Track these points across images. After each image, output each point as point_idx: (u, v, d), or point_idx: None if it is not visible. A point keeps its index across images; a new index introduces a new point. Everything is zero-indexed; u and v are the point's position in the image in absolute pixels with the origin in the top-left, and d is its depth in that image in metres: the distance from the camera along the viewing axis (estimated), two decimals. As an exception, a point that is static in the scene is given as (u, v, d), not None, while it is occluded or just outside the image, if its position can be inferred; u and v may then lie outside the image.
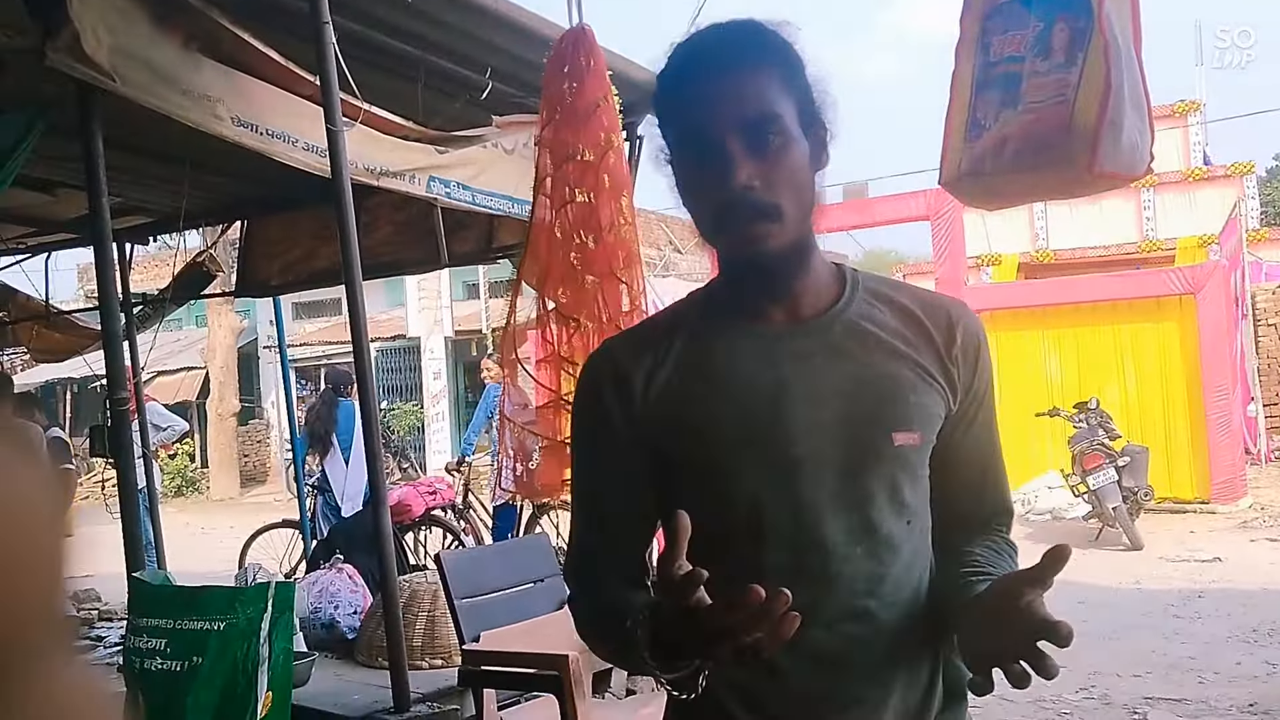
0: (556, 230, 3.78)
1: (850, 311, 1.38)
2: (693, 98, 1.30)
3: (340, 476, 7.79)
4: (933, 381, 1.36)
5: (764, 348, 1.35)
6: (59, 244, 7.02)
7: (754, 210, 1.26)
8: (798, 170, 1.30)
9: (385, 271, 6.40)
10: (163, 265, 15.48)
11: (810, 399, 1.32)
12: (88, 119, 3.51)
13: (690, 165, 1.32)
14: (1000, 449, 1.49)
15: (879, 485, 1.32)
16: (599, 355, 1.47)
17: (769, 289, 1.37)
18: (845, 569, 1.30)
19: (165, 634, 2.66)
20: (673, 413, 1.36)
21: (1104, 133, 2.62)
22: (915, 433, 1.33)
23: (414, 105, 4.60)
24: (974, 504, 1.47)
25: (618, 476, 1.42)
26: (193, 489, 20.79)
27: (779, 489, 1.31)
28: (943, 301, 1.44)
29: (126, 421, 3.58)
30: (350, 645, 4.67)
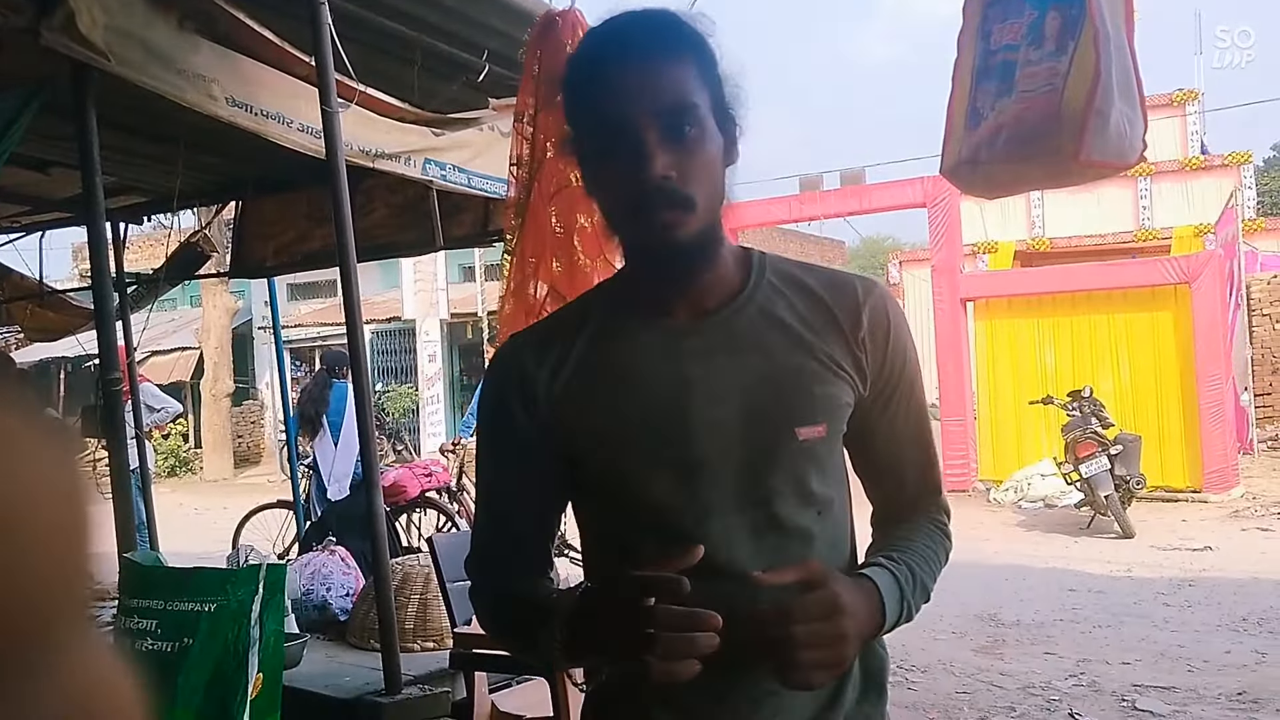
0: (553, 215, 3.77)
1: (755, 301, 1.36)
2: (609, 85, 1.27)
3: (328, 458, 7.80)
4: (839, 370, 1.35)
5: (667, 345, 1.34)
6: (53, 223, 7.00)
7: (670, 200, 1.25)
8: (711, 162, 1.29)
9: (380, 254, 6.39)
10: (157, 245, 15.44)
11: (712, 397, 1.31)
12: (82, 98, 3.50)
13: (604, 154, 1.30)
14: (926, 430, 1.46)
15: (784, 480, 1.31)
16: (505, 352, 1.45)
17: (677, 281, 1.35)
18: (753, 564, 1.28)
19: (156, 615, 2.67)
20: (574, 415, 1.35)
21: (1091, 121, 2.62)
22: (820, 425, 1.32)
23: (410, 87, 4.59)
24: (896, 487, 1.46)
25: (520, 476, 1.41)
26: (186, 469, 20.81)
27: (682, 490, 1.30)
28: (850, 282, 1.41)
29: (119, 401, 3.58)
30: (342, 627, 4.67)
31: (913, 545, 1.40)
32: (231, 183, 6.29)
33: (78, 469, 0.41)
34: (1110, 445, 9.88)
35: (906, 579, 1.34)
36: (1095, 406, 10.36)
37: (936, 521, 1.46)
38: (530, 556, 1.44)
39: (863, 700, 1.38)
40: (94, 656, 0.42)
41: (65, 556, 0.39)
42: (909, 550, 1.38)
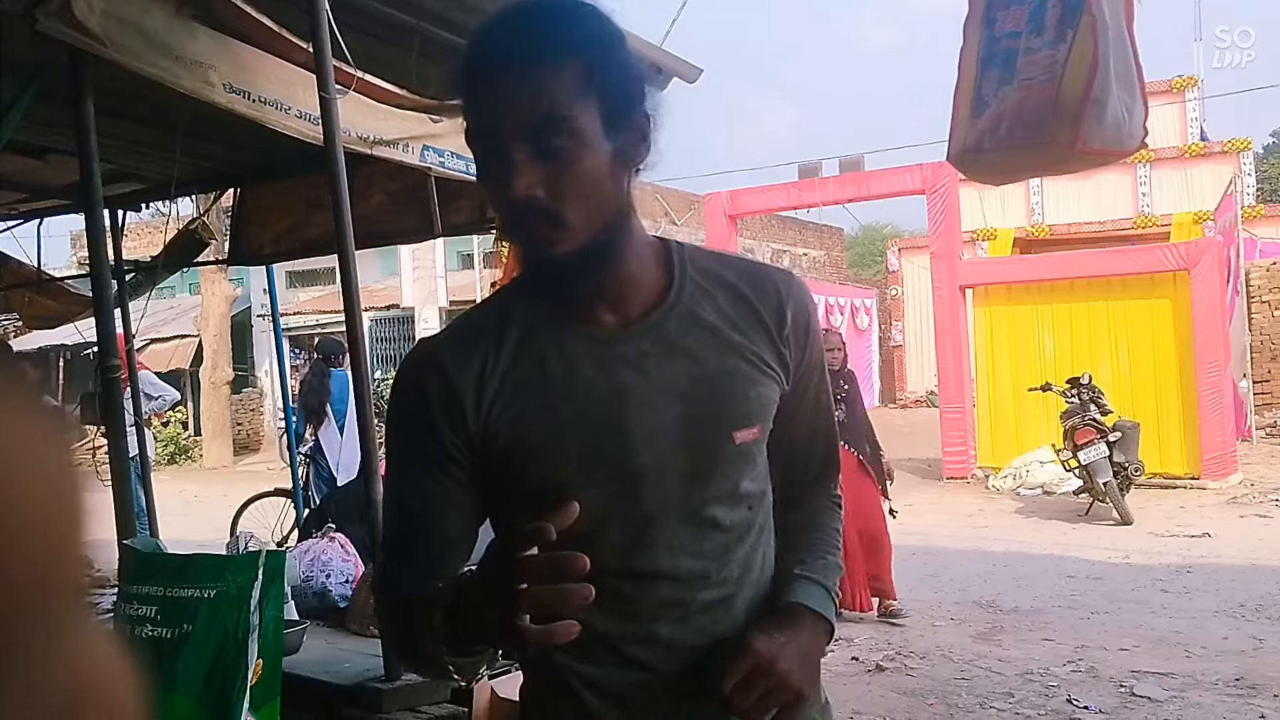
0: None
1: (681, 303, 1.33)
2: (482, 94, 1.22)
3: (335, 446, 7.80)
4: (767, 369, 1.35)
5: (597, 353, 1.30)
6: (51, 210, 6.98)
7: (537, 217, 1.20)
8: (591, 174, 1.21)
9: (379, 241, 6.37)
10: (156, 232, 15.41)
11: (649, 405, 1.28)
12: (79, 85, 3.48)
13: (481, 162, 1.26)
14: (829, 412, 1.50)
15: (721, 485, 1.31)
16: (424, 361, 1.34)
17: (577, 291, 1.30)
18: (695, 565, 1.30)
19: (155, 601, 2.67)
20: (506, 428, 1.28)
21: (1087, 109, 2.62)
22: (755, 427, 1.33)
23: (408, 73, 4.57)
24: (801, 470, 1.49)
25: (441, 496, 1.32)
26: (186, 457, 20.83)
27: (623, 501, 1.27)
28: (771, 277, 1.40)
29: (118, 389, 3.57)
30: (342, 614, 4.67)
31: (821, 534, 1.47)
32: (230, 170, 6.28)
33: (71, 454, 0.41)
34: (1109, 432, 9.89)
35: (830, 576, 1.41)
36: (1094, 393, 10.36)
37: (833, 497, 1.53)
38: (434, 579, 1.30)
39: None
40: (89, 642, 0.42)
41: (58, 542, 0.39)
42: (820, 543, 1.45)
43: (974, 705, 5.09)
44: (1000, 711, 5.01)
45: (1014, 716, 4.93)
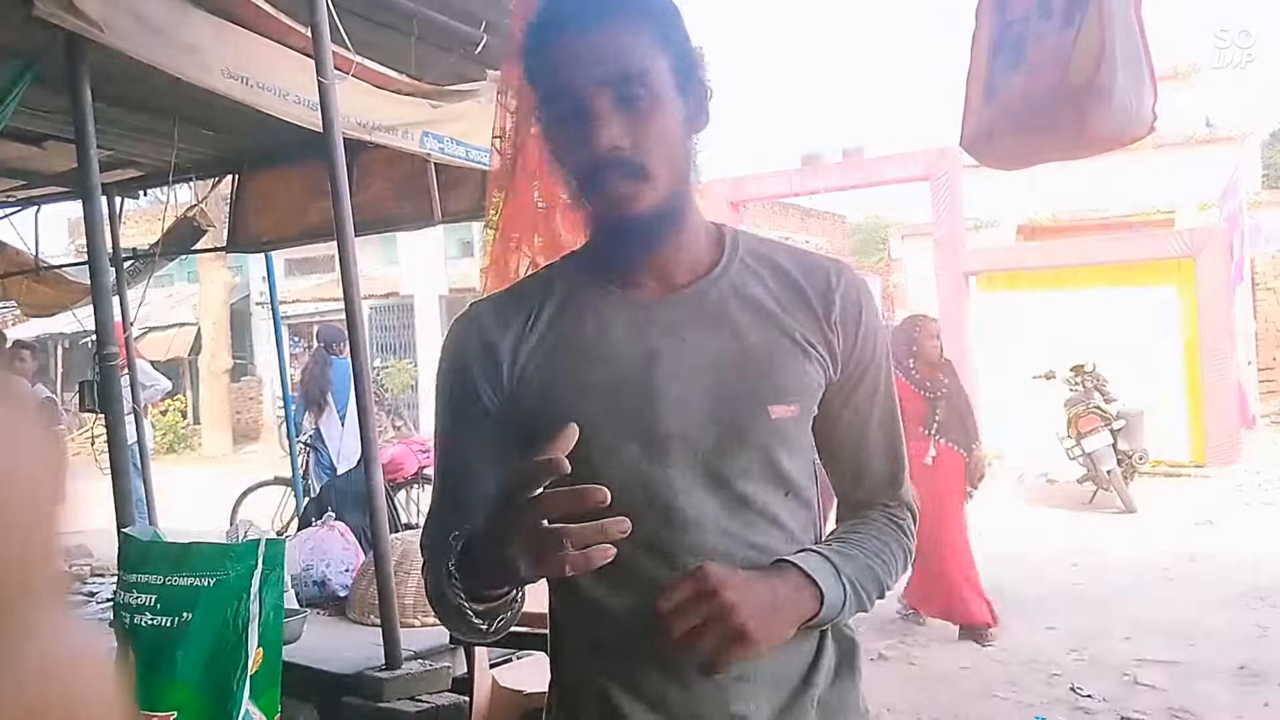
0: (536, 188, 3.73)
1: (727, 277, 1.34)
2: (559, 54, 1.24)
3: (336, 435, 7.79)
4: (812, 349, 1.32)
5: (635, 318, 1.31)
6: (48, 197, 6.96)
7: (622, 170, 1.22)
8: (669, 130, 1.25)
9: (378, 228, 6.36)
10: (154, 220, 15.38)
11: (681, 372, 1.28)
12: (76, 70, 3.45)
13: (557, 124, 1.28)
14: (892, 422, 1.42)
15: (753, 459, 1.28)
16: (466, 322, 1.39)
17: (640, 254, 1.32)
18: (721, 544, 1.26)
19: (155, 590, 2.65)
20: (537, 388, 1.31)
21: (1093, 95, 2.60)
22: (793, 404, 1.29)
23: (407, 59, 4.54)
24: (855, 478, 1.43)
25: (480, 453, 1.36)
26: (185, 445, 20.83)
27: (649, 466, 1.26)
28: (823, 264, 1.38)
29: (116, 377, 3.55)
30: (342, 602, 4.67)
31: (855, 535, 1.38)
32: (228, 156, 6.25)
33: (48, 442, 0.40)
34: (1113, 420, 9.87)
35: (842, 560, 1.30)
36: (1098, 381, 10.34)
37: (892, 516, 1.42)
38: None
39: (835, 683, 1.36)
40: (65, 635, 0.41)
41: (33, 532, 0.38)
42: (850, 539, 1.36)
43: (976, 694, 5.08)
44: (1003, 700, 5.00)
45: (1017, 705, 4.93)
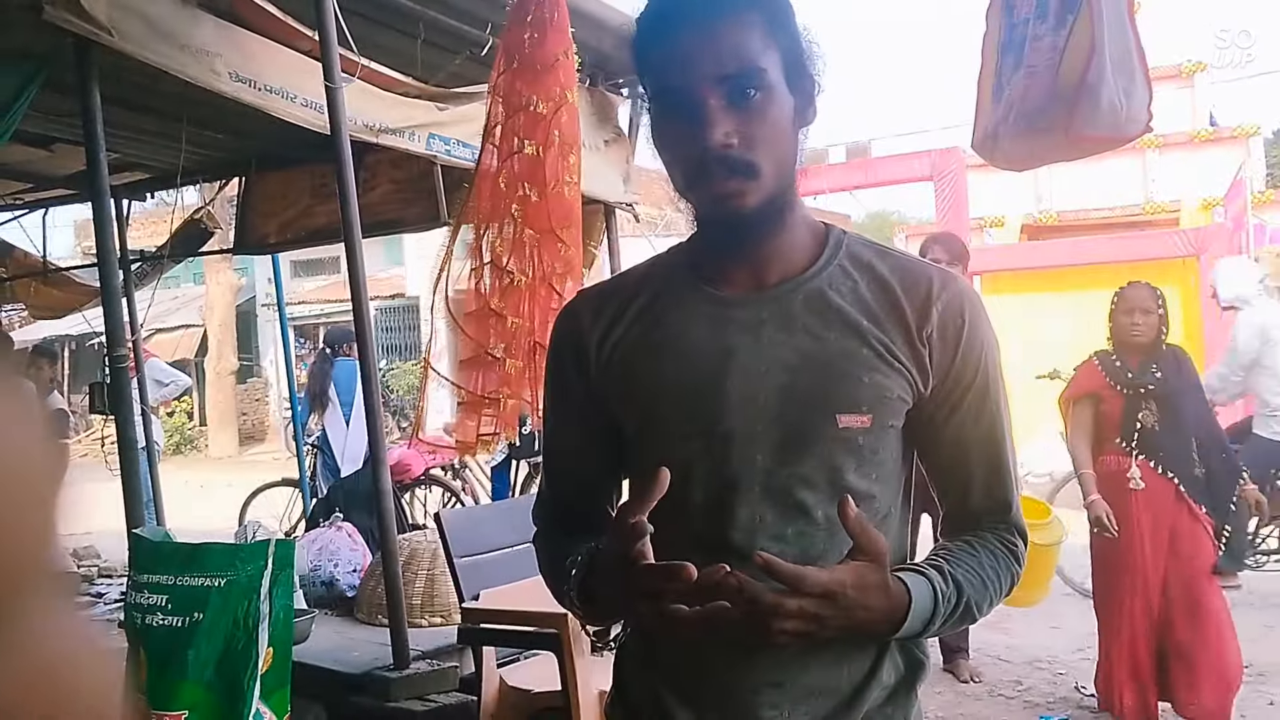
0: (501, 181, 3.75)
1: (818, 281, 1.30)
2: (670, 48, 1.24)
3: (340, 437, 7.79)
4: (895, 362, 1.27)
5: (717, 315, 1.31)
6: (56, 200, 6.99)
7: (730, 167, 1.21)
8: (779, 126, 1.24)
9: (384, 230, 6.37)
10: (160, 222, 15.40)
11: (753, 372, 1.27)
12: (85, 74, 3.48)
13: (666, 119, 1.27)
14: (999, 442, 1.36)
15: (817, 467, 1.25)
16: (565, 311, 1.45)
17: (737, 251, 1.32)
18: (773, 548, 1.22)
19: (166, 590, 2.67)
20: (617, 377, 1.35)
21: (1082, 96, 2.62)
22: (865, 415, 1.25)
23: (413, 61, 4.56)
24: (960, 498, 1.37)
25: (571, 434, 1.44)
26: (191, 447, 20.85)
27: (710, 463, 1.26)
28: (927, 274, 1.33)
29: (126, 378, 3.58)
30: (350, 603, 4.69)
31: (971, 561, 1.31)
32: (235, 159, 6.27)
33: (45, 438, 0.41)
34: (1117, 419, 9.83)
35: (948, 599, 1.25)
36: (1102, 380, 10.31)
37: (1006, 542, 1.35)
38: (584, 517, 1.43)
39: (888, 702, 1.32)
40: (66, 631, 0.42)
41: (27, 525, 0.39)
42: (965, 565, 1.29)
43: (982, 693, 5.09)
44: (1009, 699, 5.01)
45: (1023, 704, 4.93)
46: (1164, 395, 4.36)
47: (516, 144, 3.74)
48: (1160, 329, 4.41)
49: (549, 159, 3.75)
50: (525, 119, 3.74)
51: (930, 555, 1.33)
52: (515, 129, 3.76)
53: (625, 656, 1.44)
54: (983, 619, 1.38)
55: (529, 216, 3.73)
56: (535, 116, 3.74)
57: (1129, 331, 4.41)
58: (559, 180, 3.78)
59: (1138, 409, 4.38)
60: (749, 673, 1.26)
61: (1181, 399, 4.39)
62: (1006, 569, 1.34)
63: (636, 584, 1.14)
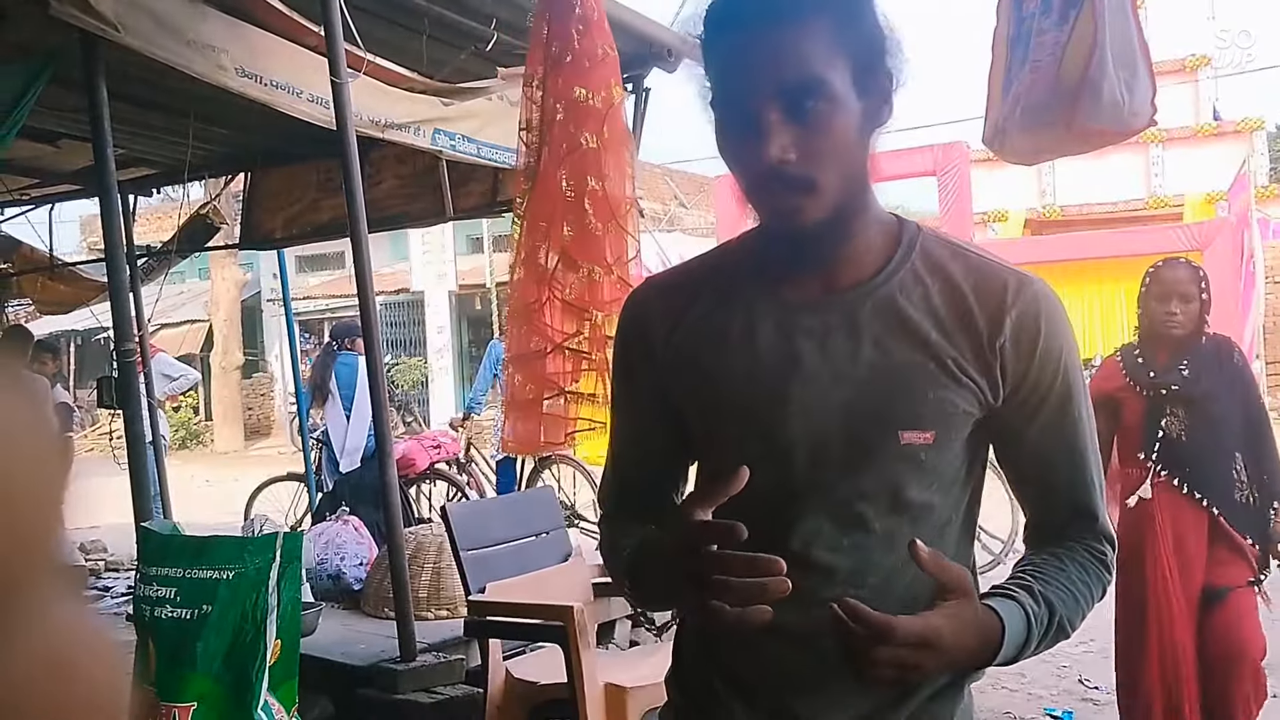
0: (563, 177, 3.75)
1: (888, 287, 1.26)
2: (730, 55, 1.18)
3: (340, 432, 7.80)
4: (963, 376, 1.23)
5: (785, 319, 1.27)
6: (62, 195, 7.01)
7: (787, 183, 1.16)
8: (843, 136, 1.18)
9: (389, 224, 6.39)
10: (165, 218, 15.43)
11: (816, 381, 1.24)
12: (92, 70, 3.50)
13: (727, 127, 1.22)
14: (1080, 448, 1.30)
15: (877, 482, 1.23)
16: (632, 300, 1.44)
17: (801, 261, 1.27)
18: (827, 558, 1.23)
19: (175, 583, 2.69)
20: (681, 373, 1.32)
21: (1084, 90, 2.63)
22: (929, 432, 1.22)
23: (418, 57, 4.58)
24: (1044, 508, 1.35)
25: (637, 422, 1.43)
26: (197, 441, 20.90)
27: (770, 470, 1.22)
28: (1001, 279, 1.27)
29: (133, 372, 3.60)
30: (356, 596, 4.72)
31: (1060, 577, 1.27)
32: (240, 154, 6.30)
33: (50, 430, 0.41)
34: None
35: (1040, 619, 1.22)
36: (1106, 374, 10.28)
37: (1095, 551, 1.31)
38: (648, 505, 1.42)
39: (935, 699, 1.30)
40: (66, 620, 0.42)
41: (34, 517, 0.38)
42: (1056, 582, 1.26)
43: (986, 686, 5.11)
44: (1012, 692, 5.02)
45: (1026, 697, 4.95)
46: (1193, 398, 3.57)
47: (576, 140, 3.75)
48: (1202, 318, 3.60)
49: (607, 152, 3.76)
50: (579, 113, 3.75)
51: (1017, 573, 1.28)
52: (570, 125, 3.76)
53: (685, 637, 1.44)
54: None
55: (596, 209, 3.74)
56: (589, 110, 3.74)
57: (1164, 322, 3.59)
58: (620, 172, 3.80)
59: (1160, 415, 3.62)
60: (799, 671, 1.27)
61: (1218, 403, 3.58)
62: (1097, 579, 1.31)
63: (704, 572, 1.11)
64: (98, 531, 8.92)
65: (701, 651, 1.37)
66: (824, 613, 1.20)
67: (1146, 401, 3.64)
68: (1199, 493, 3.56)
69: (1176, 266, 3.64)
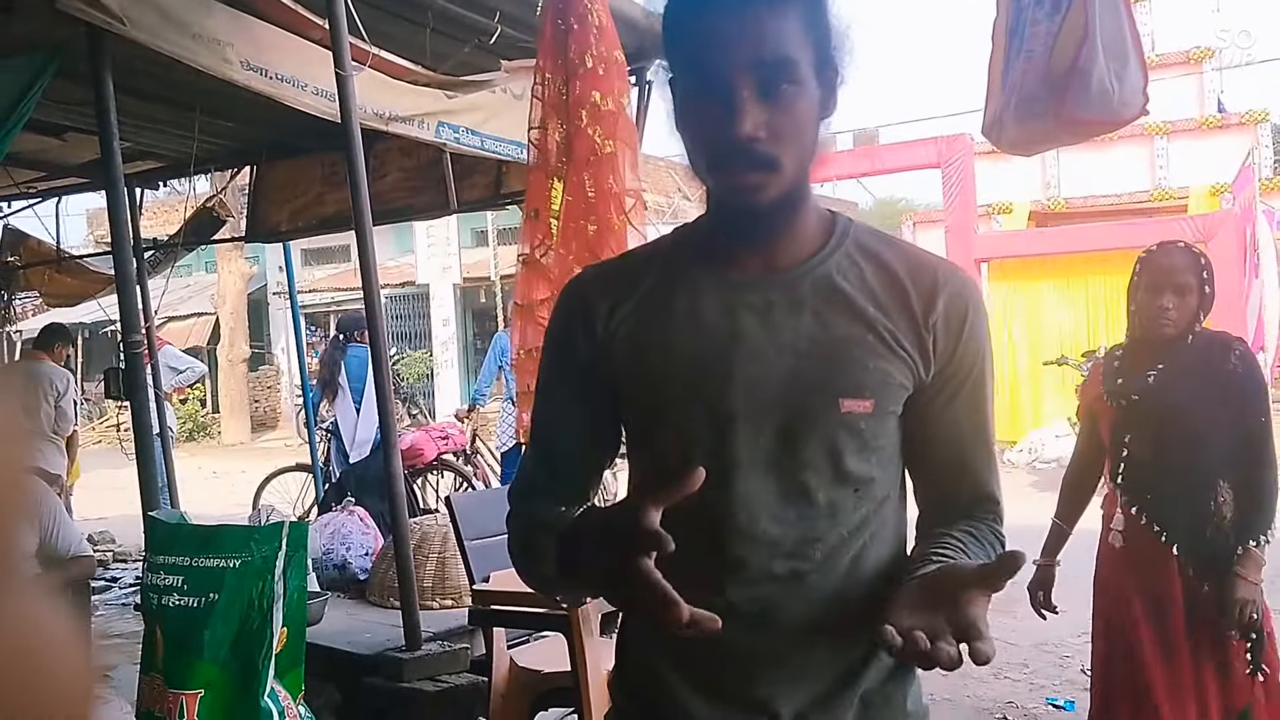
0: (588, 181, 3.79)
1: (826, 266, 1.31)
2: (707, 29, 1.20)
3: (350, 424, 7.84)
4: (898, 349, 1.28)
5: (726, 296, 1.30)
6: (69, 188, 7.05)
7: (754, 161, 1.20)
8: (805, 119, 1.22)
9: (394, 217, 6.42)
10: (172, 211, 15.48)
11: (759, 354, 1.27)
12: (98, 63, 3.52)
13: (694, 101, 1.24)
14: (988, 431, 1.38)
15: (818, 451, 1.27)
16: (571, 286, 1.44)
17: (750, 239, 1.31)
18: (773, 530, 1.26)
19: (182, 571, 2.72)
20: (625, 355, 1.33)
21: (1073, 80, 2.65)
22: (867, 400, 1.26)
23: (422, 50, 4.60)
24: (952, 487, 1.38)
25: (570, 408, 1.41)
26: (204, 434, 20.98)
27: (713, 443, 1.27)
28: (933, 265, 1.34)
29: (140, 363, 3.63)
30: (362, 586, 4.74)
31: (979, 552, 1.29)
32: (246, 147, 6.32)
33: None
34: (1124, 405, 9.80)
35: None
36: (1109, 367, 10.27)
37: (996, 531, 1.36)
38: (568, 488, 1.40)
39: (886, 681, 1.34)
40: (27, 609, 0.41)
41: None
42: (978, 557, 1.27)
43: (988, 675, 5.13)
44: (1015, 682, 5.05)
45: (1029, 687, 4.97)
46: (1159, 411, 2.99)
47: (595, 145, 3.79)
48: (1198, 315, 3.00)
49: (624, 152, 3.81)
50: (597, 118, 3.79)
51: (936, 546, 1.28)
52: (590, 130, 3.80)
53: (627, 631, 1.45)
54: None
55: (615, 208, 3.80)
56: (605, 114, 3.79)
57: (1155, 319, 2.99)
58: (629, 169, 3.84)
59: (1125, 432, 3.10)
60: (751, 649, 1.28)
61: (1196, 418, 2.94)
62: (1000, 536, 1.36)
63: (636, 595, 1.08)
64: (106, 523, 8.98)
65: (649, 644, 1.37)
66: (773, 587, 1.26)
67: (1114, 414, 3.13)
68: (1158, 525, 3.02)
69: (1173, 252, 3.03)
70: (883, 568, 1.32)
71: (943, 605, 1.09)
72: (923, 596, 1.14)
